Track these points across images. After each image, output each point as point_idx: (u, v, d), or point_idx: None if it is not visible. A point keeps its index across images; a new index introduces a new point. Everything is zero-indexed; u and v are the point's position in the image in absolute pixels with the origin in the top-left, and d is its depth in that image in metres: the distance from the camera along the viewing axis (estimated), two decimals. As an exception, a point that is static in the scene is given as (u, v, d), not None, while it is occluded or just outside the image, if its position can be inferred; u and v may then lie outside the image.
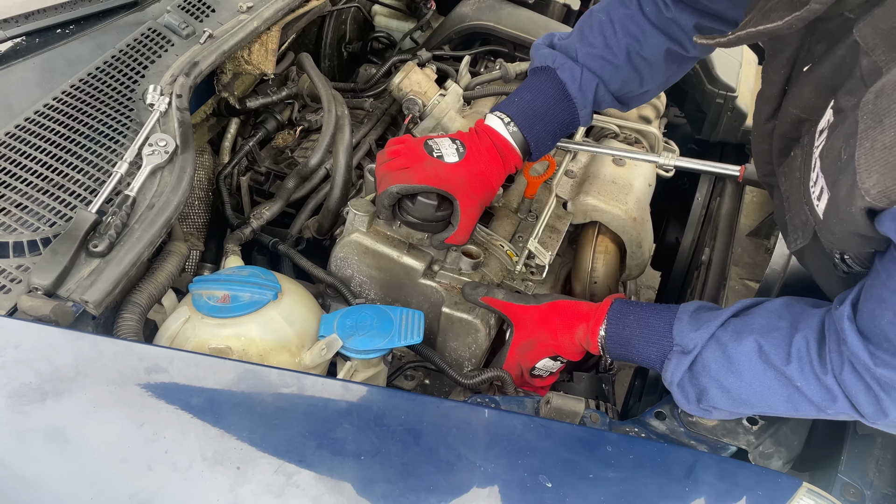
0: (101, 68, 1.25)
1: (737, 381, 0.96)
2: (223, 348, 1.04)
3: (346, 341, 1.06)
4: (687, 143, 2.02)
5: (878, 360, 0.84)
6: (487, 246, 1.30)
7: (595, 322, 1.11)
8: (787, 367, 0.92)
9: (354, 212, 1.22)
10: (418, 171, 1.15)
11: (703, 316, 1.03)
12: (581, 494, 0.86)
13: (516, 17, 1.93)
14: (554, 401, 1.01)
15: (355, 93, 1.85)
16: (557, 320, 1.15)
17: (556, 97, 1.22)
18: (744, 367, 0.95)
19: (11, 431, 0.82)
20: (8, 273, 0.98)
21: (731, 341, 0.97)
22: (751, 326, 0.98)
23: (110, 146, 1.16)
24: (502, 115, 1.22)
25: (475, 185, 1.17)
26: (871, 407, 0.88)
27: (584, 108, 1.23)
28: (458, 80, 1.72)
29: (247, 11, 1.48)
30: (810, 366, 0.91)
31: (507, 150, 1.21)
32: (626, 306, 1.11)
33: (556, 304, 1.17)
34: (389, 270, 1.23)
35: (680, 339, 1.02)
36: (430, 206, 1.14)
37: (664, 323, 1.05)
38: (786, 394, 0.93)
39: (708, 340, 0.99)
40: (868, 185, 0.75)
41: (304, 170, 1.45)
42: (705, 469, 0.91)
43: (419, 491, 0.83)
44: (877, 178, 0.74)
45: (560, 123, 1.24)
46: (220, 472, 0.81)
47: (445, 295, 1.22)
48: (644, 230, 1.52)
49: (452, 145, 1.19)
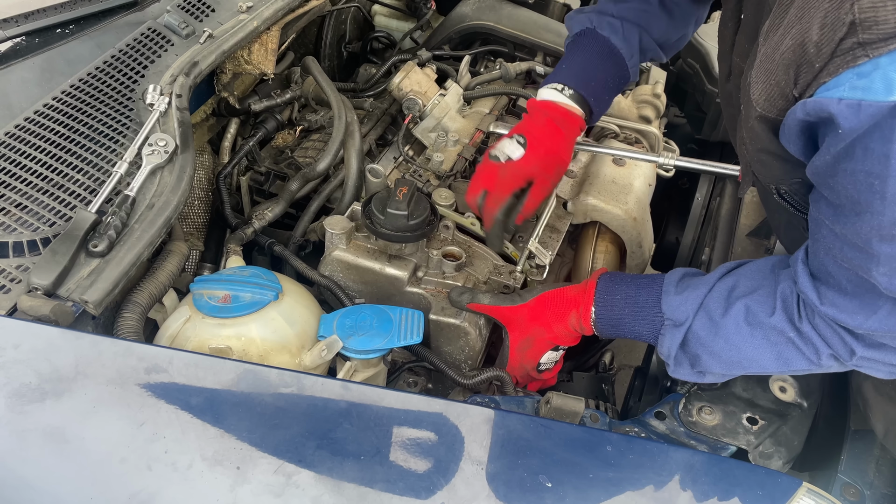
0: (101, 68, 1.25)
1: (726, 346, 0.97)
2: (223, 348, 1.04)
3: (345, 341, 1.06)
4: (687, 143, 2.02)
5: (825, 299, 0.87)
6: (471, 245, 1.30)
7: (585, 307, 1.11)
8: (772, 319, 0.93)
9: (330, 230, 1.20)
10: (498, 185, 1.20)
11: (690, 283, 1.03)
12: (581, 494, 0.86)
13: (516, 17, 1.93)
14: (554, 401, 1.01)
15: (355, 93, 1.85)
16: (548, 313, 1.15)
17: (603, 53, 1.25)
18: (731, 332, 0.96)
19: (11, 431, 0.82)
20: (8, 273, 0.98)
21: (718, 308, 0.98)
22: (738, 289, 0.99)
23: (110, 146, 1.16)
24: (555, 85, 1.25)
25: (546, 167, 1.21)
26: (841, 348, 0.90)
27: (632, 58, 1.26)
28: (458, 80, 1.72)
29: (247, 11, 1.48)
30: (793, 313, 0.92)
31: (566, 118, 1.24)
32: (612, 285, 1.11)
33: (543, 298, 1.16)
34: (375, 283, 1.22)
35: (670, 313, 1.02)
36: (401, 217, 1.15)
37: (652, 298, 1.05)
38: (775, 351, 0.95)
39: (698, 310, 1.00)
40: (756, 94, 0.82)
41: (310, 174, 1.45)
42: (705, 469, 0.91)
43: (419, 491, 0.83)
44: (761, 88, 0.81)
45: (613, 77, 1.27)
46: (219, 472, 0.81)
47: (432, 301, 1.20)
48: (644, 230, 1.52)
49: (513, 142, 1.22)
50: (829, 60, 0.71)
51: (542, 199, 1.23)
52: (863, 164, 0.71)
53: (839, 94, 0.70)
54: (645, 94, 1.80)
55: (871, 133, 0.69)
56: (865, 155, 0.71)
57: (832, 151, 0.74)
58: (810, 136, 0.80)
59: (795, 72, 0.76)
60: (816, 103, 0.73)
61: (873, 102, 0.68)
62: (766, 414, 1.09)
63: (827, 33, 0.71)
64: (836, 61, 0.71)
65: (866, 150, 0.70)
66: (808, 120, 0.76)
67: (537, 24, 1.92)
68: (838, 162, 0.74)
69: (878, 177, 0.70)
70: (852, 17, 0.68)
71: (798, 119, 0.76)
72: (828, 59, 0.71)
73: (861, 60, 0.68)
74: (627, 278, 1.11)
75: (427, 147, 1.64)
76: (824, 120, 0.74)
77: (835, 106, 0.71)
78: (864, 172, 0.72)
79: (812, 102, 0.73)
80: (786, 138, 0.81)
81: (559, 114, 1.23)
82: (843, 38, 0.69)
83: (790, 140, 0.81)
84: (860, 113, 0.69)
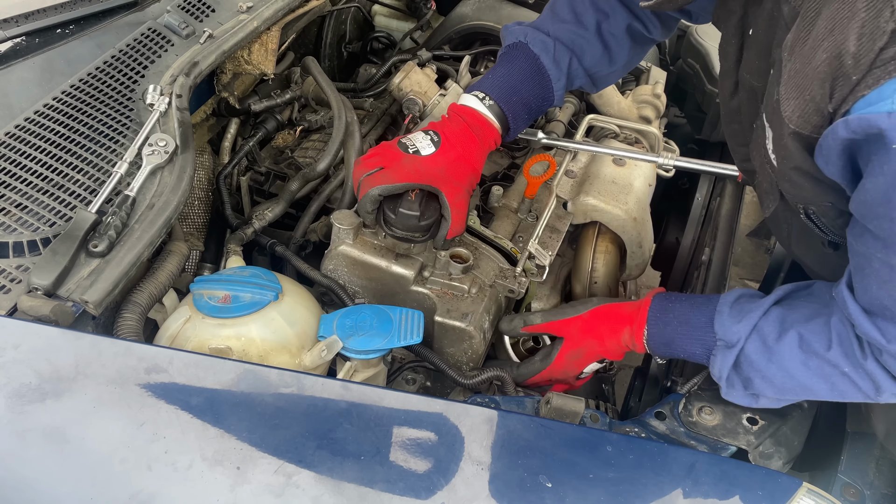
0: (101, 68, 1.25)
1: (779, 372, 0.95)
2: (223, 348, 1.03)
3: (345, 341, 1.06)
4: (687, 143, 2.02)
5: (891, 336, 0.83)
6: (478, 246, 1.30)
7: (638, 325, 1.10)
8: (829, 353, 0.91)
9: (338, 225, 1.20)
10: (396, 169, 1.14)
11: (745, 306, 1.01)
12: (581, 494, 0.86)
13: (516, 17, 1.93)
14: (554, 401, 1.01)
15: (355, 93, 1.84)
16: (603, 327, 1.14)
17: (530, 70, 1.22)
18: (785, 358, 0.94)
19: (11, 431, 0.82)
20: (8, 273, 0.98)
21: (771, 332, 0.96)
22: (793, 315, 0.96)
23: (110, 146, 1.16)
24: (477, 93, 1.21)
25: (457, 171, 1.16)
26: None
27: (559, 81, 1.23)
28: (458, 80, 1.72)
29: (247, 11, 1.48)
30: (852, 350, 0.89)
31: (483, 127, 1.20)
32: (667, 303, 1.10)
33: (598, 311, 1.16)
34: (380, 280, 1.22)
35: (722, 334, 1.01)
36: (412, 217, 1.14)
37: (705, 318, 1.04)
38: (830, 382, 0.92)
39: (750, 332, 0.98)
40: (788, 112, 0.78)
41: (310, 174, 1.45)
42: (705, 469, 0.91)
43: (419, 491, 0.83)
44: (794, 104, 0.78)
45: (536, 97, 1.23)
46: (219, 473, 0.81)
47: (438, 302, 1.19)
48: (644, 230, 1.52)
49: (426, 137, 1.18)
50: (867, 72, 0.68)
51: (461, 209, 1.16)
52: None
53: (888, 108, 0.66)
54: (645, 94, 1.80)
55: None
56: None
57: (886, 171, 0.69)
58: (850, 158, 0.76)
59: (831, 85, 0.72)
60: (862, 120, 0.69)
61: None
62: (766, 414, 1.09)
63: (866, 43, 0.68)
64: (875, 72, 0.68)
65: None
66: (853, 138, 0.71)
67: (537, 24, 1.92)
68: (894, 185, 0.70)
69: None
70: (894, 24, 0.66)
71: (841, 138, 0.72)
72: (866, 71, 0.68)
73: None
74: (683, 298, 1.10)
75: (427, 147, 1.63)
76: (872, 137, 0.70)
77: (885, 121, 0.67)
78: None
79: (856, 119, 0.69)
80: (823, 159, 0.77)
81: (477, 122, 1.19)
82: (883, 48, 0.66)
83: (829, 160, 0.76)
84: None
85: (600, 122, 1.68)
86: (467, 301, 1.20)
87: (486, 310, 1.21)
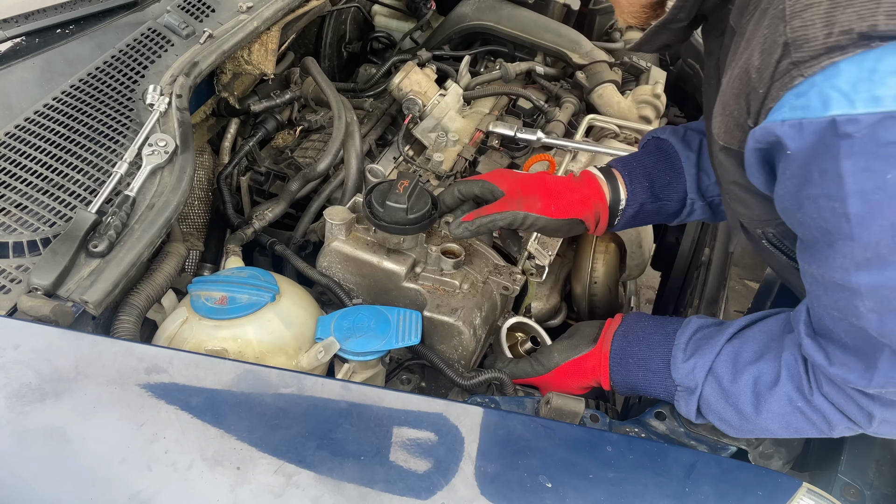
0: (101, 68, 1.25)
1: (735, 415, 0.96)
2: (219, 350, 1.03)
3: (343, 343, 1.05)
4: (687, 144, 2.01)
5: (834, 359, 0.84)
6: (471, 243, 1.29)
7: (603, 376, 1.11)
8: (778, 389, 0.91)
9: (330, 220, 1.19)
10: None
11: (700, 345, 1.01)
12: (581, 494, 0.86)
13: (516, 17, 1.93)
14: (554, 401, 1.01)
15: (355, 93, 1.85)
16: (570, 382, 1.15)
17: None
18: (741, 402, 0.95)
19: (11, 431, 0.82)
20: (8, 273, 0.98)
21: (726, 374, 0.96)
22: (745, 355, 0.96)
23: (110, 146, 1.16)
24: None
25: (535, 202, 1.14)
26: (858, 413, 0.86)
27: None
28: (458, 80, 1.73)
29: (247, 11, 1.48)
30: (801, 384, 0.90)
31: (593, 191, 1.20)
32: (625, 345, 1.09)
33: (561, 371, 1.15)
34: (372, 276, 1.22)
35: (680, 380, 1.01)
36: (400, 210, 1.14)
37: (662, 362, 1.04)
38: (784, 422, 0.92)
39: (706, 376, 0.98)
40: (715, 128, 0.84)
41: (310, 174, 1.45)
42: (705, 469, 0.91)
43: (419, 491, 0.83)
44: (719, 121, 0.83)
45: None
46: (219, 473, 0.81)
47: (428, 298, 1.19)
48: (644, 230, 1.52)
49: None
50: (770, 85, 0.72)
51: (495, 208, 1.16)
52: (821, 188, 0.71)
53: (781, 117, 0.70)
54: (645, 94, 1.80)
55: (822, 154, 0.69)
56: (822, 178, 0.70)
57: (789, 176, 0.74)
58: (771, 168, 0.79)
59: (746, 100, 0.76)
60: (763, 129, 0.73)
61: (813, 119, 0.68)
62: (766, 414, 1.09)
63: (765, 57, 0.71)
64: (776, 85, 0.71)
65: (822, 172, 0.70)
66: (761, 147, 0.75)
67: (537, 24, 1.92)
68: (800, 189, 0.74)
69: (837, 198, 0.70)
70: (785, 37, 0.69)
71: (752, 148, 0.76)
72: (769, 84, 0.72)
73: (797, 81, 0.68)
74: (640, 336, 1.08)
75: (427, 147, 1.64)
76: (773, 145, 0.74)
77: (779, 128, 0.71)
78: (825, 196, 0.71)
79: (759, 129, 0.74)
80: (749, 171, 0.81)
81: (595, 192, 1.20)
82: (779, 60, 0.70)
83: (752, 172, 0.80)
84: (802, 131, 0.69)
85: (600, 122, 1.69)
86: (458, 297, 1.19)
87: (478, 306, 1.19)
